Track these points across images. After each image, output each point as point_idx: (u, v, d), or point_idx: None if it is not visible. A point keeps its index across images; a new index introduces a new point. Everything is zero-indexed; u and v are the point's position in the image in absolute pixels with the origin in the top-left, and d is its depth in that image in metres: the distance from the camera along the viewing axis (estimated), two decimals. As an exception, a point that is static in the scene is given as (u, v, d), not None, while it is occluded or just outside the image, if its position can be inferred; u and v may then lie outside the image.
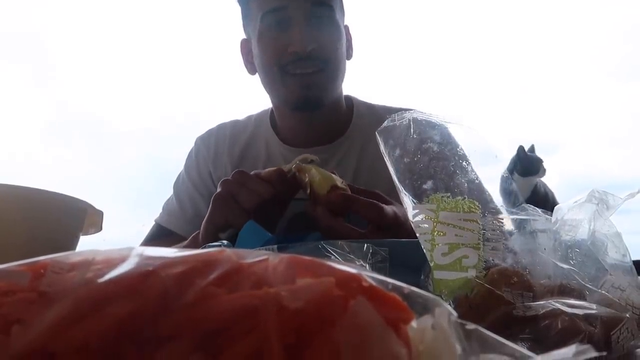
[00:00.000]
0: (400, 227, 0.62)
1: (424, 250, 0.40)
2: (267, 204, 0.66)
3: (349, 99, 1.06)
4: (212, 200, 0.70)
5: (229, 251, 0.21)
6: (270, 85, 0.96)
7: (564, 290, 0.36)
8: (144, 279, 0.18)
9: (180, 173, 1.09)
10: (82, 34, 2.30)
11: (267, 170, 0.70)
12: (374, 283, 0.19)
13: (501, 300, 0.36)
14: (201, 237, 0.70)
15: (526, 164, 2.04)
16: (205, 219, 0.71)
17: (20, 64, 2.29)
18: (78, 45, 2.32)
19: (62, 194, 0.51)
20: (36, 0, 2.23)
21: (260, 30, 0.91)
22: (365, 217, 0.61)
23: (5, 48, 2.23)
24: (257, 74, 0.98)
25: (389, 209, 0.63)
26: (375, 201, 0.63)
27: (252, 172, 0.69)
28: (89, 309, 0.17)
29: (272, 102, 1.01)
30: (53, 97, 2.38)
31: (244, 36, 1.02)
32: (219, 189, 0.69)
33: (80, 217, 0.54)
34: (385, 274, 0.20)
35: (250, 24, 0.96)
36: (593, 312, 0.33)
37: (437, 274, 0.39)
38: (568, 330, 0.31)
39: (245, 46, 1.01)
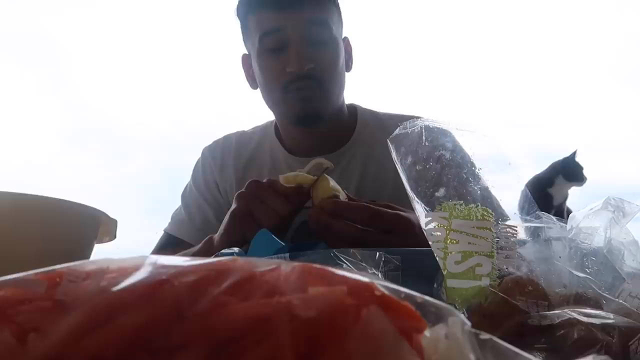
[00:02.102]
0: (409, 232, 0.61)
1: (437, 259, 0.40)
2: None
3: (352, 107, 1.06)
4: (229, 216, 0.70)
5: (241, 260, 0.21)
6: (271, 102, 0.97)
7: (580, 300, 0.36)
8: (158, 287, 0.18)
9: (188, 183, 1.11)
10: (97, 42, 2.34)
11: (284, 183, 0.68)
12: (386, 292, 0.19)
13: (516, 309, 0.36)
14: (217, 248, 0.70)
15: (575, 170, 2.02)
16: (221, 232, 0.71)
17: (36, 71, 2.33)
18: (94, 53, 2.36)
19: (76, 203, 0.52)
20: (51, 8, 2.27)
21: (258, 51, 0.92)
22: (357, 221, 0.62)
23: (21, 55, 2.28)
24: (258, 88, 1.00)
25: (389, 212, 0.63)
26: (367, 204, 0.63)
27: (266, 180, 0.69)
28: (104, 318, 0.17)
29: (275, 116, 1.03)
30: (68, 105, 2.43)
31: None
32: (235, 205, 0.69)
33: (94, 225, 0.54)
34: (397, 283, 0.20)
35: (249, 41, 0.97)
36: (610, 321, 0.32)
37: (451, 283, 0.39)
38: (585, 340, 0.31)
39: (246, 61, 1.02)
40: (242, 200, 0.68)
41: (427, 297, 0.19)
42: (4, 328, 0.17)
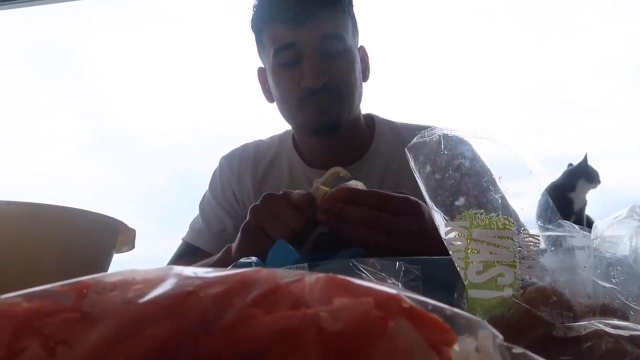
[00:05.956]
0: (416, 213, 0.62)
1: (458, 269, 0.39)
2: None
3: (370, 118, 1.06)
4: (241, 230, 0.70)
5: (265, 271, 0.21)
6: (286, 114, 0.98)
7: (606, 310, 0.35)
8: (184, 299, 0.18)
9: (205, 192, 1.11)
10: (115, 53, 2.37)
11: (297, 192, 0.68)
12: (414, 304, 0.19)
13: (539, 320, 0.35)
14: (233, 260, 0.71)
15: (593, 171, 2.02)
16: (235, 247, 0.71)
17: (53, 81, 2.37)
18: (111, 63, 2.39)
19: (95, 213, 0.52)
20: (69, 18, 2.31)
21: (273, 65, 0.93)
22: (367, 204, 0.62)
23: (39, 65, 2.32)
24: (274, 102, 1.00)
25: (398, 194, 0.64)
26: (377, 190, 0.64)
27: (281, 192, 0.69)
28: (131, 330, 0.17)
29: (292, 126, 1.03)
30: (84, 115, 2.46)
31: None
32: (248, 217, 0.69)
33: (113, 235, 0.55)
34: (418, 293, 0.20)
35: (264, 55, 0.98)
36: (639, 333, 0.31)
37: (472, 293, 0.38)
38: (613, 353, 0.30)
39: (262, 74, 1.03)
40: (254, 214, 0.69)
41: (457, 309, 0.19)
42: (33, 340, 0.17)
